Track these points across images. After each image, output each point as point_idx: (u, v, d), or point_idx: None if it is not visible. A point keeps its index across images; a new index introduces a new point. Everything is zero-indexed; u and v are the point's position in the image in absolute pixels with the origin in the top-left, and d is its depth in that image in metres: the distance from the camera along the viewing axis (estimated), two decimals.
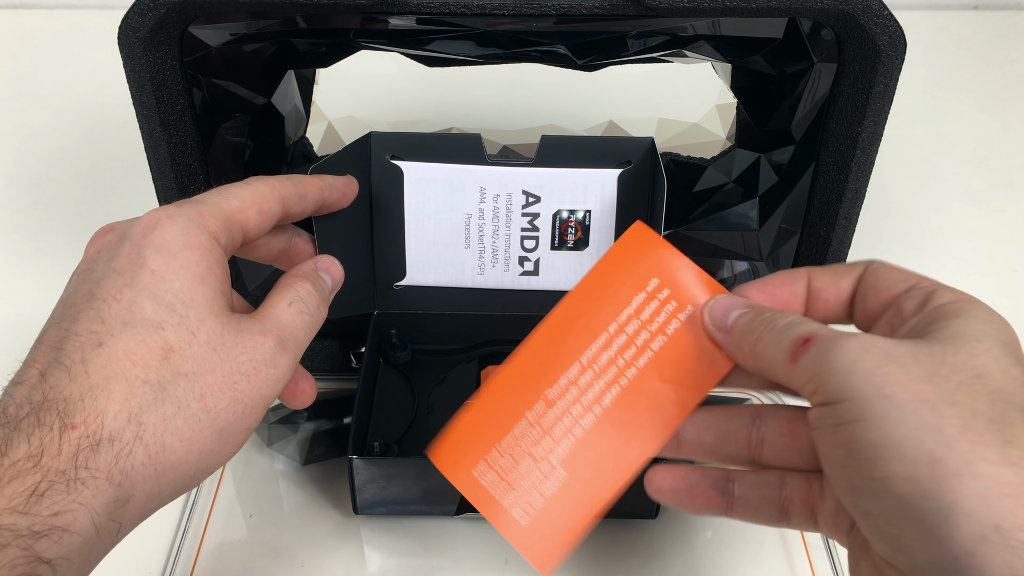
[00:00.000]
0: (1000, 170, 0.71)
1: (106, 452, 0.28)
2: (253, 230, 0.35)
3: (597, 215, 0.48)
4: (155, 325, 0.30)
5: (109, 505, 0.28)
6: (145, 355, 0.30)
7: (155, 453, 0.29)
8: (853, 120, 0.43)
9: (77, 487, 0.27)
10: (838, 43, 0.42)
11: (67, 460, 0.28)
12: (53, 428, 0.28)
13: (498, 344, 0.51)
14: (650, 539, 0.45)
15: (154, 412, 0.29)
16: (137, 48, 0.40)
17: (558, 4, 0.40)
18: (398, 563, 0.45)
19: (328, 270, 0.38)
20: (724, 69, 0.50)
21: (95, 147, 0.71)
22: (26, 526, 0.26)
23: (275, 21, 0.44)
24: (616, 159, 0.46)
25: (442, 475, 0.43)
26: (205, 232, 0.33)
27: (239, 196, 0.35)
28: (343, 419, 0.50)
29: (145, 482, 0.29)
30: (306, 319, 0.35)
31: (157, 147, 0.44)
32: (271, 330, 0.33)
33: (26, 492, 0.27)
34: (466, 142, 0.46)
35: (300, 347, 0.34)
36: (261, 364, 0.32)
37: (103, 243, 0.33)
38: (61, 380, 0.29)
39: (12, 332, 0.55)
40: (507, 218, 0.48)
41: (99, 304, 0.31)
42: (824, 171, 0.46)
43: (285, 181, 0.37)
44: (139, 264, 0.31)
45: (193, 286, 0.32)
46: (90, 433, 0.28)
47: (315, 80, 0.54)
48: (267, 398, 0.33)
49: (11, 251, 0.63)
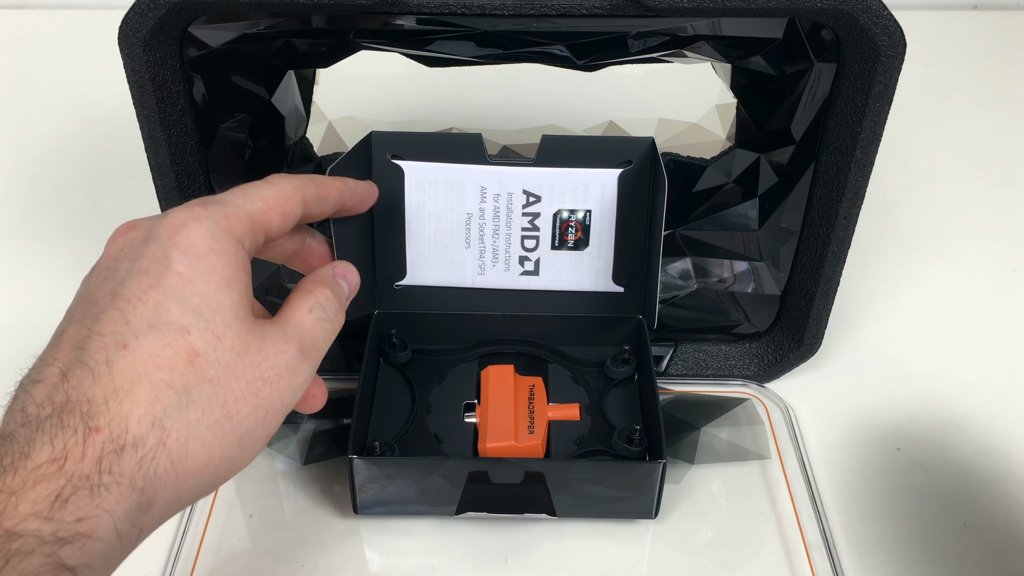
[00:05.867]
0: (1000, 170, 0.71)
1: (130, 457, 0.28)
2: (275, 232, 0.35)
3: (597, 215, 0.48)
4: (181, 328, 0.30)
5: (132, 511, 0.28)
6: (171, 359, 0.30)
7: (178, 459, 0.29)
8: (853, 120, 0.43)
9: (101, 492, 0.27)
10: (838, 43, 0.42)
11: (91, 464, 0.27)
12: (77, 431, 0.27)
13: (498, 344, 0.51)
14: (650, 539, 0.45)
15: (178, 417, 0.29)
16: (137, 48, 0.40)
17: (558, 4, 0.40)
18: (398, 563, 0.45)
19: (345, 276, 0.38)
20: (724, 69, 0.50)
21: (95, 147, 0.71)
22: (50, 532, 0.26)
23: (275, 21, 0.44)
24: (617, 159, 0.46)
25: (442, 475, 0.43)
26: (231, 236, 0.32)
27: (263, 197, 0.34)
28: (343, 419, 0.50)
29: (167, 488, 0.29)
30: (326, 326, 0.35)
31: (157, 147, 0.44)
32: (293, 337, 0.33)
33: (50, 497, 0.26)
34: (467, 142, 0.46)
35: (320, 354, 0.34)
36: (284, 371, 0.32)
37: (126, 240, 0.33)
38: (84, 381, 0.29)
39: (12, 332, 0.55)
40: (507, 218, 0.48)
41: (123, 304, 0.30)
42: (824, 171, 0.46)
43: (308, 182, 0.37)
44: (165, 266, 0.31)
45: (220, 290, 0.31)
46: (114, 437, 0.28)
47: (315, 80, 0.54)
48: (287, 405, 0.33)
49: (11, 251, 0.62)
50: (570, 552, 0.45)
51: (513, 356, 0.51)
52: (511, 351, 0.51)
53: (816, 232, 0.48)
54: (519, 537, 0.45)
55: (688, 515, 0.46)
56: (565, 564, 0.44)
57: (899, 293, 0.60)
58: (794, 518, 0.46)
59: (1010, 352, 0.56)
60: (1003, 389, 0.54)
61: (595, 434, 0.47)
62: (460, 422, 0.47)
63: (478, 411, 0.47)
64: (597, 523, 0.46)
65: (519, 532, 0.45)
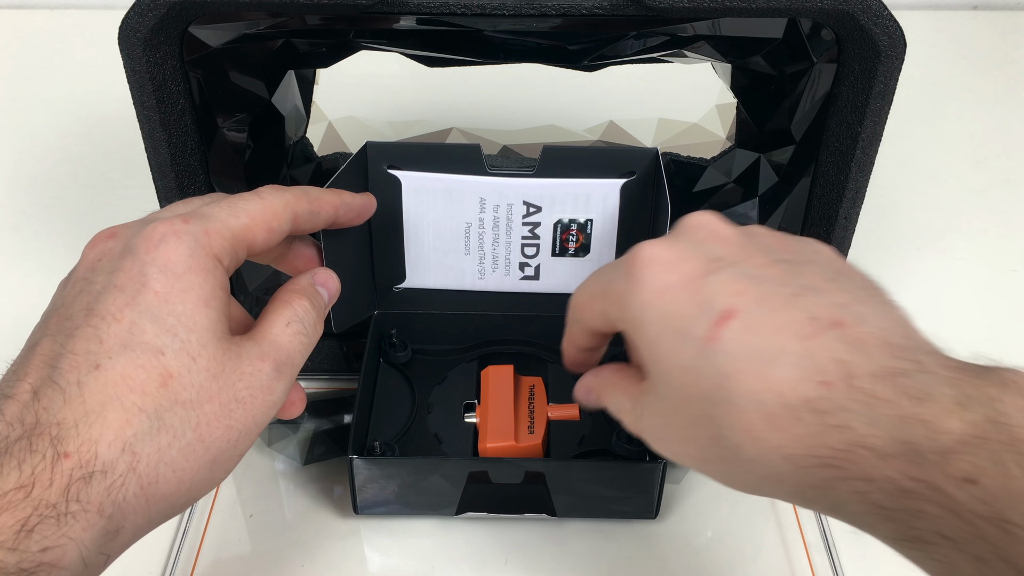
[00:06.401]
0: (1000, 170, 0.71)
1: (99, 484, 0.27)
2: (259, 247, 0.35)
3: (599, 224, 0.47)
4: (155, 350, 0.30)
5: (99, 539, 0.27)
6: (143, 381, 0.29)
7: (148, 484, 0.28)
8: (853, 120, 0.43)
9: (68, 521, 0.27)
10: (838, 43, 0.42)
11: (58, 492, 0.27)
12: (46, 456, 0.27)
13: (498, 344, 0.51)
14: (650, 539, 0.45)
15: (149, 442, 0.29)
16: (137, 48, 0.40)
17: (558, 4, 0.40)
18: (398, 563, 0.45)
19: (325, 284, 0.38)
20: (724, 69, 0.50)
21: (95, 147, 0.71)
22: (14, 563, 0.25)
23: (275, 21, 0.44)
24: (619, 169, 0.45)
25: (442, 475, 0.43)
26: (210, 253, 0.32)
27: (249, 212, 0.34)
28: (343, 419, 0.50)
29: (136, 513, 0.28)
30: (303, 340, 0.34)
31: (157, 147, 0.44)
32: (269, 354, 0.33)
33: (15, 527, 0.26)
34: (465, 152, 0.45)
35: (296, 369, 0.34)
36: (257, 391, 0.32)
37: (104, 250, 0.32)
38: (55, 402, 0.28)
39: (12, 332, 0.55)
40: (507, 227, 0.47)
41: (98, 322, 0.30)
42: (824, 171, 0.46)
43: (301, 197, 0.36)
44: (142, 283, 0.30)
45: (196, 309, 0.31)
46: (83, 463, 0.27)
47: (315, 80, 0.54)
48: (260, 425, 0.32)
49: (11, 251, 0.62)
50: (570, 552, 0.45)
51: (513, 356, 0.51)
52: (511, 351, 0.51)
53: (816, 232, 0.48)
54: (519, 537, 0.45)
55: (688, 515, 0.46)
56: (565, 564, 0.44)
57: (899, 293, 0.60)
58: (794, 518, 0.46)
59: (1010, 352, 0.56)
60: None
61: (595, 434, 0.47)
62: (460, 422, 0.47)
63: (478, 411, 0.47)
64: (597, 523, 0.46)
65: (519, 532, 0.45)
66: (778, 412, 0.27)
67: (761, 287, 0.30)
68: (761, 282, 0.30)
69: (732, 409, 0.28)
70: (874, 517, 0.27)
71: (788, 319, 0.28)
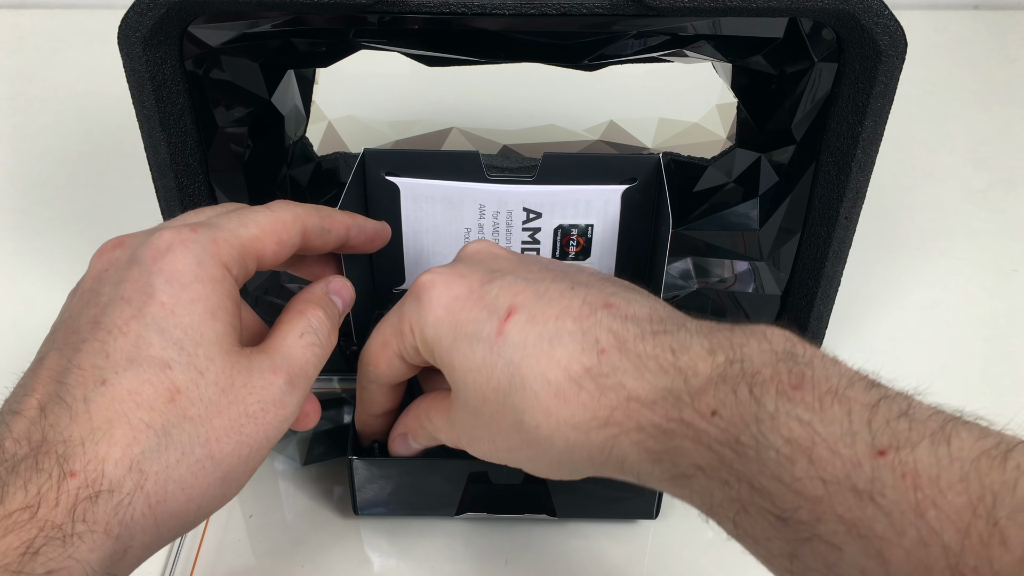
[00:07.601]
0: (1000, 170, 0.71)
1: (105, 503, 0.27)
2: (269, 260, 0.34)
3: (600, 230, 0.47)
4: (162, 364, 0.29)
5: (105, 559, 0.27)
6: (150, 396, 0.29)
7: (156, 503, 0.28)
8: (854, 120, 0.43)
9: (74, 542, 0.26)
10: (839, 43, 0.42)
11: (64, 513, 0.26)
12: (52, 475, 0.26)
13: None
14: (650, 539, 0.45)
15: (157, 460, 0.28)
16: (137, 48, 0.40)
17: (558, 4, 0.40)
18: (398, 563, 0.44)
19: (340, 292, 0.37)
20: (724, 69, 0.50)
21: (95, 147, 0.71)
22: None
23: (275, 21, 0.44)
24: (620, 176, 0.45)
25: (442, 475, 0.43)
26: (218, 263, 0.32)
27: (258, 223, 0.34)
28: (343, 419, 0.50)
29: (144, 532, 0.28)
30: (317, 351, 0.34)
31: (157, 147, 0.44)
32: (281, 367, 0.32)
33: (20, 548, 0.25)
34: (464, 159, 0.45)
35: (310, 382, 0.33)
36: (269, 405, 0.31)
37: (110, 260, 0.32)
38: (62, 419, 0.28)
39: (12, 332, 0.55)
40: (507, 232, 0.47)
41: (104, 335, 0.29)
42: (824, 171, 0.46)
43: (312, 212, 0.36)
44: (148, 294, 0.30)
45: (204, 321, 0.30)
46: (90, 482, 0.27)
47: (315, 80, 0.54)
48: (272, 440, 0.32)
49: (11, 251, 0.62)
50: (570, 552, 0.45)
51: None
52: None
53: (817, 232, 0.48)
54: (519, 537, 0.45)
55: (688, 515, 0.46)
56: (565, 564, 0.44)
57: (900, 293, 0.60)
58: None
59: (1010, 352, 0.56)
60: (1003, 389, 0.54)
61: None
62: None
63: None
64: (597, 523, 0.46)
65: (519, 532, 0.45)
66: (565, 385, 0.30)
67: (539, 286, 0.33)
68: (538, 283, 0.33)
69: (527, 394, 0.31)
70: (650, 464, 0.29)
71: (565, 306, 0.32)
